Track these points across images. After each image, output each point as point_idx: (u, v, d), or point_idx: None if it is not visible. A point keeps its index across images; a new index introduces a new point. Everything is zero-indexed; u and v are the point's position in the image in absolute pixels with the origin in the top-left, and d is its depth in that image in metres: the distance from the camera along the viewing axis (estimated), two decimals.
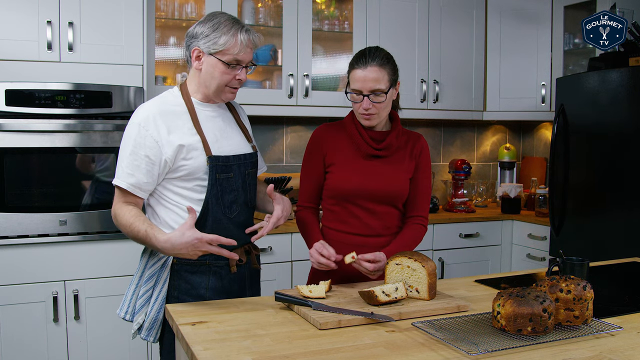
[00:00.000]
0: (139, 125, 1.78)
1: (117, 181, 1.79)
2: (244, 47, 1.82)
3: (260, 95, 3.45)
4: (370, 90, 1.90)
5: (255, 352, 1.29)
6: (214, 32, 1.79)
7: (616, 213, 3.04)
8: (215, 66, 1.81)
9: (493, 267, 3.85)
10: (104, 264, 2.86)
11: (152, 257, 1.85)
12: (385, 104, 1.93)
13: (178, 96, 1.87)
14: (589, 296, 1.45)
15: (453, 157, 4.38)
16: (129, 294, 1.88)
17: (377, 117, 1.95)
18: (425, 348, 1.33)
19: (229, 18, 1.83)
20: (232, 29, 1.80)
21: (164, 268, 1.82)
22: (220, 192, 1.84)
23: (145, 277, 1.83)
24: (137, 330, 1.84)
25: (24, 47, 2.74)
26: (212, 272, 1.86)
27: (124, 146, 1.80)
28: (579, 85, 3.27)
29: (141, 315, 1.82)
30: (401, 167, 2.02)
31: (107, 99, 2.84)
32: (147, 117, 1.78)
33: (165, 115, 1.80)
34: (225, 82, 1.84)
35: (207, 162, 1.81)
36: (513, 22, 4.00)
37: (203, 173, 1.82)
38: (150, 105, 1.83)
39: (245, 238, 1.92)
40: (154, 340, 1.83)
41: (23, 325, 2.73)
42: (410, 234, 2.03)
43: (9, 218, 2.70)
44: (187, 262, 1.82)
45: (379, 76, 1.89)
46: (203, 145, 1.81)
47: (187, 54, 1.86)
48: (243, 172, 1.92)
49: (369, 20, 3.66)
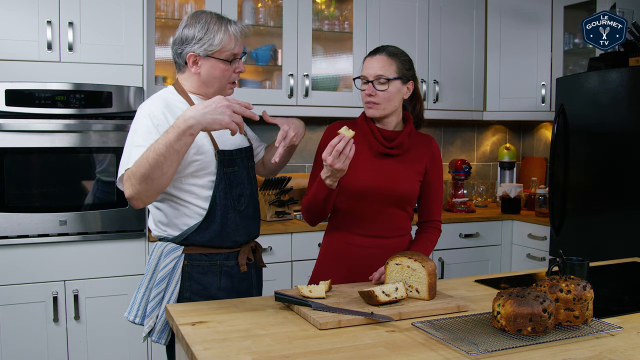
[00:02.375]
0: (150, 116, 1.73)
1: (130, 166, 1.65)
2: (237, 40, 1.83)
3: (260, 95, 3.45)
4: (374, 77, 1.92)
5: (255, 352, 1.29)
6: (206, 33, 1.79)
7: (616, 213, 3.04)
8: (215, 66, 1.82)
9: (493, 267, 3.85)
10: (104, 264, 2.86)
11: (163, 259, 1.83)
12: (389, 94, 1.93)
13: (176, 94, 1.86)
14: (589, 296, 1.45)
15: (453, 157, 4.38)
16: (139, 297, 1.86)
17: (381, 108, 1.94)
18: (425, 348, 1.33)
19: (214, 15, 1.83)
20: (222, 26, 1.81)
21: (176, 270, 1.81)
22: (229, 185, 1.84)
23: (157, 279, 1.82)
24: (148, 334, 1.83)
25: (24, 47, 2.74)
26: (223, 272, 1.87)
27: (134, 137, 1.71)
28: (579, 85, 3.27)
29: (152, 318, 1.81)
30: (412, 167, 2.01)
31: (107, 99, 2.84)
32: (156, 109, 1.76)
33: (171, 109, 1.79)
34: (227, 79, 1.85)
35: (215, 156, 1.81)
36: (513, 22, 4.00)
37: (213, 168, 1.81)
38: (155, 101, 1.80)
39: (254, 232, 1.94)
40: (165, 342, 1.81)
41: (23, 325, 2.73)
42: (427, 237, 2.06)
43: (9, 218, 2.70)
44: (198, 264, 1.83)
45: (385, 64, 1.93)
46: (210, 140, 1.81)
47: (180, 60, 1.84)
48: (246, 165, 1.93)
49: (369, 20, 3.66)
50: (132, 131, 1.75)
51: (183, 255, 1.82)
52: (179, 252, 1.82)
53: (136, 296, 1.87)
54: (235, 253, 1.89)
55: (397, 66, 1.94)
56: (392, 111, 1.98)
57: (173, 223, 1.83)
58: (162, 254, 1.84)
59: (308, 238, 3.25)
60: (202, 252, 1.83)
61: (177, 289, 1.81)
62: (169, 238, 1.85)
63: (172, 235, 1.84)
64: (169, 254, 1.82)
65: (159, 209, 1.85)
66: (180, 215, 1.82)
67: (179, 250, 1.82)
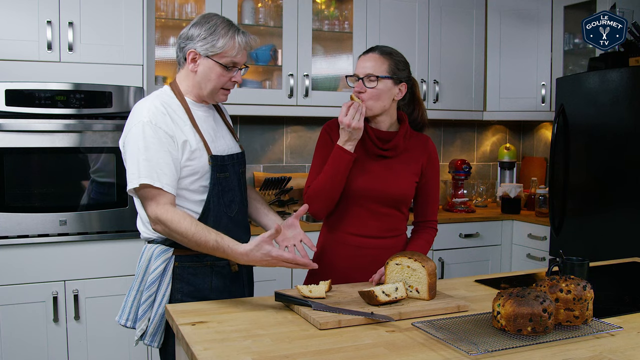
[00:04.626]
0: (150, 122, 1.73)
1: (148, 180, 1.69)
2: (241, 50, 1.83)
3: (260, 95, 3.45)
4: (365, 74, 1.92)
5: (255, 352, 1.29)
6: (211, 34, 1.79)
7: (616, 213, 3.04)
8: (212, 69, 1.81)
9: (493, 267, 3.85)
10: (104, 264, 2.86)
11: (153, 261, 1.82)
12: (377, 92, 1.91)
13: (172, 96, 1.85)
14: (589, 296, 1.45)
15: (453, 157, 4.38)
16: (129, 300, 1.85)
17: (368, 106, 1.92)
18: (425, 348, 1.33)
19: (224, 20, 1.83)
20: (230, 32, 1.80)
21: (166, 272, 1.81)
22: (221, 191, 1.84)
23: (148, 282, 1.80)
24: (140, 337, 1.82)
25: (24, 47, 2.74)
26: (214, 273, 1.86)
27: (138, 147, 1.72)
28: (579, 85, 3.27)
29: (144, 321, 1.80)
30: (408, 169, 2.01)
31: (107, 99, 2.84)
32: (155, 113, 1.75)
33: (168, 111, 1.78)
34: (221, 84, 1.84)
35: (209, 161, 1.81)
36: (513, 22, 4.00)
37: (205, 173, 1.81)
38: (151, 103, 1.78)
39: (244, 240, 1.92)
40: (157, 345, 1.81)
41: (23, 325, 2.73)
42: (424, 237, 2.06)
43: (9, 218, 2.69)
44: (189, 265, 1.82)
45: (377, 63, 1.92)
46: (204, 145, 1.81)
47: (181, 55, 1.85)
48: (237, 171, 1.92)
49: (369, 20, 3.66)
50: (133, 139, 1.73)
51: (173, 257, 1.81)
52: (169, 253, 1.81)
53: (127, 299, 1.85)
54: None
55: (390, 65, 1.93)
56: (382, 111, 1.96)
57: None
58: (152, 256, 1.82)
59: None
60: (192, 254, 1.81)
61: (169, 291, 1.80)
62: (159, 240, 1.83)
63: (162, 237, 1.82)
64: (159, 256, 1.80)
65: None
66: None
67: (169, 252, 1.81)
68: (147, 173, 1.70)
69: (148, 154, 1.71)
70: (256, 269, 2.07)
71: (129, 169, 1.75)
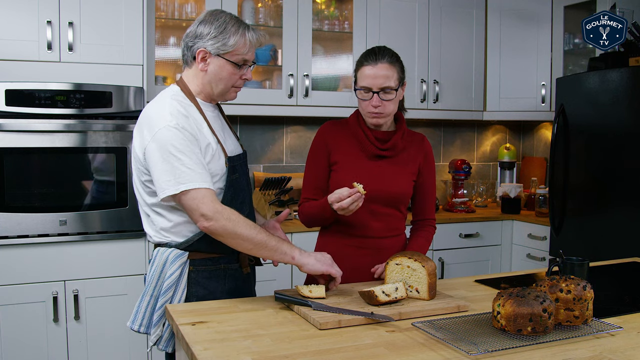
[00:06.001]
0: (178, 125, 1.67)
1: (194, 185, 1.64)
2: (252, 47, 1.81)
3: (260, 95, 3.45)
4: (380, 87, 1.88)
5: (255, 352, 1.29)
6: (221, 33, 1.75)
7: (616, 213, 3.04)
8: (223, 67, 1.78)
9: (493, 267, 3.85)
10: (104, 264, 2.86)
11: (168, 266, 1.77)
12: (394, 102, 1.92)
13: (184, 96, 1.80)
14: (589, 296, 1.45)
15: (453, 157, 4.38)
16: (143, 306, 1.80)
17: (385, 116, 1.93)
18: (425, 348, 1.33)
19: (233, 17, 1.80)
20: (240, 29, 1.77)
21: (182, 276, 1.77)
22: (234, 193, 1.82)
23: (164, 288, 1.76)
24: (155, 343, 1.79)
25: (24, 47, 2.74)
26: (227, 275, 1.85)
27: (170, 152, 1.65)
28: (579, 85, 3.27)
29: (159, 327, 1.77)
30: (406, 168, 2.01)
31: (107, 99, 2.84)
32: (178, 116, 1.70)
33: (187, 113, 1.74)
34: (232, 82, 1.81)
35: (226, 163, 1.79)
36: (513, 22, 4.00)
37: (222, 175, 1.78)
38: (170, 105, 1.72)
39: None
40: (171, 350, 1.78)
41: (23, 325, 2.73)
42: (424, 235, 2.06)
43: (9, 218, 2.70)
44: (203, 269, 1.80)
45: (389, 73, 1.89)
46: (221, 147, 1.79)
47: (189, 54, 1.80)
48: (245, 171, 1.92)
49: (369, 20, 3.66)
50: (162, 145, 1.66)
51: (188, 261, 1.78)
52: (185, 258, 1.77)
53: (140, 305, 1.80)
54: (235, 255, 1.88)
55: (398, 73, 1.92)
56: (392, 114, 1.98)
57: (178, 229, 1.78)
58: (167, 261, 1.77)
59: (308, 238, 3.24)
60: (206, 257, 1.80)
61: (184, 296, 1.78)
62: (172, 244, 1.79)
63: (175, 242, 1.78)
64: (175, 261, 1.76)
65: (162, 215, 1.78)
66: (186, 222, 1.76)
67: (184, 257, 1.77)
68: (189, 178, 1.65)
69: (184, 158, 1.65)
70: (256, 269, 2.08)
71: (162, 176, 1.66)
